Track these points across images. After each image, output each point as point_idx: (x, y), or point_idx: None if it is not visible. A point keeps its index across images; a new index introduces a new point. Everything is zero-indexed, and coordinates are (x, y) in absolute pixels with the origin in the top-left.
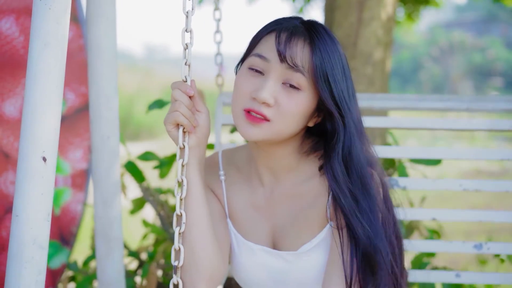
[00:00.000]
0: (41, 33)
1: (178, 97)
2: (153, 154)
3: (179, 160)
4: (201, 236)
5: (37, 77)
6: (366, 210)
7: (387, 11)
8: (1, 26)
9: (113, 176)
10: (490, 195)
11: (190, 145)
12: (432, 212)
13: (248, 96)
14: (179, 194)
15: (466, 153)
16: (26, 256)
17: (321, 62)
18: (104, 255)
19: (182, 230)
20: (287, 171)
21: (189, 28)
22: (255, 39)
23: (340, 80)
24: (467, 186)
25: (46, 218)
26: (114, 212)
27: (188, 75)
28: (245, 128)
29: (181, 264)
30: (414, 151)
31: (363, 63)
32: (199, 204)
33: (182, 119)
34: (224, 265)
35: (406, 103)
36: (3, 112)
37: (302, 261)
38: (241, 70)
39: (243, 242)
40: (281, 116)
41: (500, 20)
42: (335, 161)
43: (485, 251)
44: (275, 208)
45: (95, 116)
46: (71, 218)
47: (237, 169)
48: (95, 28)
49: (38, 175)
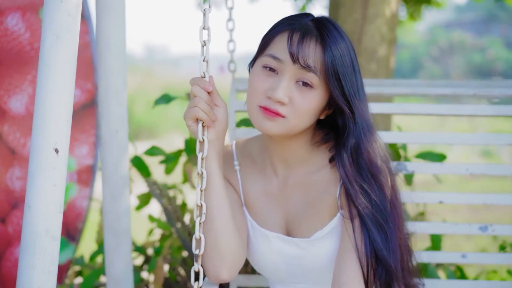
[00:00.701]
0: (52, 26)
1: (197, 93)
2: (159, 149)
3: (199, 154)
4: (223, 225)
5: (49, 69)
6: (376, 201)
7: (391, 8)
8: (7, 23)
9: (121, 170)
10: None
11: (209, 139)
12: (439, 196)
13: (263, 94)
14: (199, 185)
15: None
16: (38, 247)
17: (332, 60)
18: (112, 248)
19: (203, 220)
20: (300, 162)
21: (206, 26)
22: (267, 38)
23: (350, 75)
24: (473, 170)
25: (58, 210)
26: (123, 206)
27: (207, 71)
28: (262, 122)
29: (202, 252)
30: (418, 136)
31: (367, 59)
32: (220, 195)
33: (201, 114)
34: (243, 252)
35: (414, 89)
36: (9, 108)
37: (315, 247)
38: (255, 68)
39: (259, 229)
40: (295, 113)
41: (500, 20)
42: (344, 155)
43: (490, 233)
44: (288, 197)
45: (104, 110)
46: (77, 214)
47: (251, 160)
48: (104, 23)
49: (50, 166)
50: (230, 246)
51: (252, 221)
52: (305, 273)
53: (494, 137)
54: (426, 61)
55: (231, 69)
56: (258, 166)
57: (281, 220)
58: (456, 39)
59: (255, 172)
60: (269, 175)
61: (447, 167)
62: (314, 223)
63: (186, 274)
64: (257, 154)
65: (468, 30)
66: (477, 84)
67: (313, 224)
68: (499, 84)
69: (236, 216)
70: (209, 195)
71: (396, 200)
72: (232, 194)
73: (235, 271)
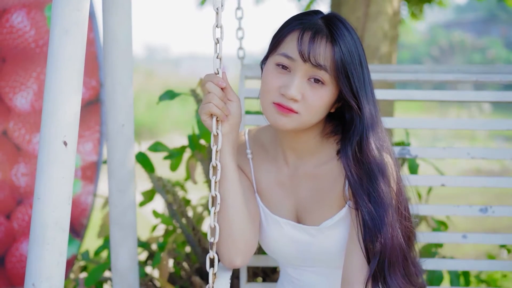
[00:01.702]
0: (61, 20)
1: (211, 89)
2: (162, 145)
3: (213, 147)
4: (237, 215)
5: (58, 63)
6: (375, 196)
7: (393, 6)
8: (12, 20)
9: (128, 164)
10: (491, 193)
11: (223, 133)
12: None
13: (277, 91)
14: (214, 177)
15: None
16: (48, 238)
17: (341, 58)
18: (118, 242)
19: (217, 210)
20: (310, 153)
21: (219, 24)
22: (279, 37)
23: (358, 72)
24: (475, 154)
25: (67, 201)
26: (129, 200)
27: (220, 68)
28: (276, 118)
29: (217, 240)
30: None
31: (370, 57)
32: (234, 186)
33: (215, 109)
34: (255, 238)
35: (418, 75)
36: (14, 105)
37: (324, 235)
38: (268, 66)
39: (270, 215)
40: (308, 109)
41: (500, 21)
42: (349, 149)
43: (490, 214)
44: (298, 186)
45: (110, 105)
46: (82, 210)
47: (263, 148)
48: (111, 17)
49: (59, 159)
50: (244, 234)
51: (264, 208)
52: (315, 258)
53: (497, 122)
54: (426, 61)
55: (240, 55)
56: (270, 155)
57: (292, 208)
58: (456, 39)
59: (267, 161)
60: (280, 164)
61: (449, 151)
62: (323, 213)
63: (190, 269)
64: (269, 143)
65: (468, 30)
66: (479, 69)
67: (322, 213)
68: (500, 70)
69: (249, 203)
70: (224, 186)
71: (400, 195)
72: (245, 181)
73: (248, 257)
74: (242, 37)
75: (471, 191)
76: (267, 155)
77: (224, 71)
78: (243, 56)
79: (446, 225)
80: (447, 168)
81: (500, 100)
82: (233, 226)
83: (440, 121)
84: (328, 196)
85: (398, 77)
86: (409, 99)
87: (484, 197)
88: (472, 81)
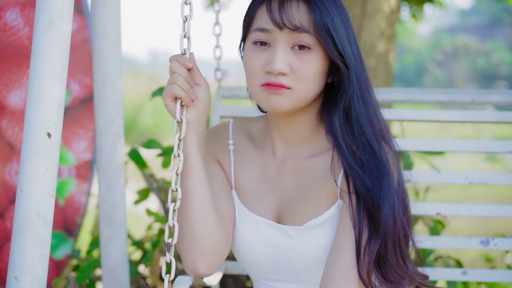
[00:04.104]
0: (46, 10)
1: (175, 69)
2: (156, 142)
3: (176, 134)
4: (201, 213)
5: (42, 54)
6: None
7: (391, 4)
8: (6, 18)
9: (117, 159)
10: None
11: (188, 120)
12: (437, 206)
13: (261, 71)
14: (175, 169)
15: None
16: (30, 230)
17: (320, 16)
18: (108, 239)
19: (177, 207)
20: (302, 141)
21: (188, 1)
22: (249, 14)
23: (341, 30)
24: (472, 179)
25: (50, 193)
26: (118, 195)
27: (188, 48)
28: (268, 100)
29: (175, 242)
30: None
31: (366, 55)
32: (199, 181)
33: (179, 91)
34: (226, 242)
35: (410, 95)
36: (8, 103)
37: (305, 237)
38: (246, 48)
39: (246, 213)
40: (300, 81)
41: (504, 25)
42: (335, 115)
43: (492, 247)
44: (284, 180)
45: (99, 99)
46: (75, 209)
47: (249, 138)
48: (99, 9)
49: (43, 150)
50: (209, 236)
51: (240, 205)
52: (291, 267)
53: (497, 144)
54: (430, 65)
55: (217, 77)
56: (256, 146)
57: (273, 205)
58: (460, 43)
59: (252, 152)
60: (267, 156)
61: (445, 175)
62: (308, 211)
63: (182, 268)
64: (257, 133)
65: (472, 34)
66: (475, 91)
67: (307, 212)
68: (497, 91)
69: (221, 201)
70: (186, 180)
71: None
72: (219, 176)
73: (215, 265)
74: (220, 56)
75: (475, 193)
76: (253, 146)
77: (192, 52)
78: (221, 78)
79: (443, 225)
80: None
81: (499, 120)
82: (196, 227)
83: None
84: (315, 191)
85: (390, 97)
86: (403, 119)
87: (487, 200)
88: (468, 102)
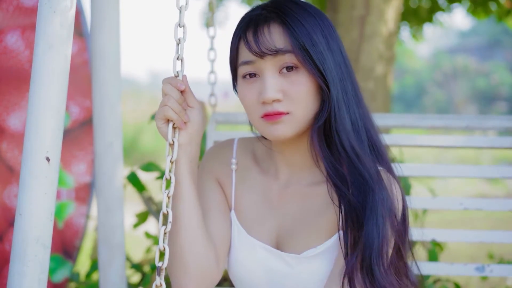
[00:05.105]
0: (45, 35)
1: (168, 91)
2: (155, 165)
3: (168, 157)
4: (190, 238)
5: (41, 78)
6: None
7: (388, 27)
8: (7, 41)
9: (116, 182)
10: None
11: (180, 142)
12: (432, 232)
13: (257, 103)
14: (166, 191)
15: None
16: (29, 254)
17: (294, 35)
18: (106, 261)
19: (168, 230)
20: (305, 166)
21: (182, 23)
22: (232, 51)
23: (321, 44)
24: (468, 205)
25: (49, 218)
26: (117, 219)
27: (181, 70)
28: (270, 130)
29: (165, 265)
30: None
31: (365, 78)
32: (189, 204)
33: (171, 113)
34: (217, 266)
35: (406, 121)
36: (8, 125)
37: (303, 267)
38: (238, 84)
39: (246, 236)
40: (296, 103)
41: (503, 45)
42: (314, 129)
43: (488, 274)
44: (286, 206)
45: (98, 122)
46: (74, 231)
47: (254, 159)
48: (98, 33)
49: (41, 175)
50: (198, 261)
51: (239, 227)
52: None
53: (497, 169)
54: (430, 86)
55: (212, 103)
56: (259, 168)
57: (273, 230)
58: (460, 64)
59: (255, 174)
60: (269, 179)
61: (440, 201)
62: (308, 239)
63: None
64: (262, 155)
65: (472, 55)
66: (470, 117)
67: (307, 240)
68: (492, 117)
69: (216, 223)
70: (177, 204)
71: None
72: (217, 196)
73: None
74: (215, 82)
75: (474, 215)
76: (257, 167)
77: (185, 75)
78: (215, 103)
79: (442, 247)
80: (448, 193)
81: (493, 146)
82: (185, 251)
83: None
84: (316, 221)
85: (386, 123)
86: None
87: (489, 222)
88: (463, 127)
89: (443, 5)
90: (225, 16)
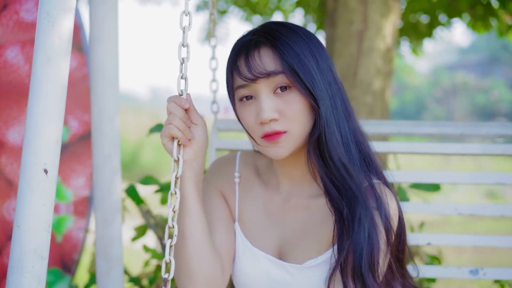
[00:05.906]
0: (44, 48)
1: (172, 110)
2: (153, 179)
3: (173, 173)
4: (196, 251)
5: (40, 91)
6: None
7: (386, 42)
8: (7, 55)
9: (114, 194)
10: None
11: (185, 158)
12: (428, 237)
13: (256, 124)
14: (171, 206)
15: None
16: (26, 265)
17: (283, 57)
18: (104, 275)
19: (174, 243)
20: (305, 180)
21: (185, 43)
22: (228, 78)
23: (309, 64)
24: (462, 211)
25: (46, 229)
26: (115, 231)
27: (184, 89)
28: (271, 150)
29: (171, 277)
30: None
31: (363, 92)
32: (194, 219)
33: (175, 131)
34: (223, 275)
35: (401, 128)
36: (7, 139)
37: (305, 276)
38: (236, 107)
39: (249, 247)
40: (292, 122)
41: (502, 62)
42: (310, 144)
43: (481, 277)
44: (287, 217)
45: (96, 135)
46: (73, 245)
47: (256, 172)
48: (96, 48)
49: (39, 187)
50: (204, 272)
51: (243, 238)
52: None
53: (498, 176)
54: (429, 102)
55: (213, 110)
56: (261, 180)
57: (276, 240)
58: (460, 81)
59: (257, 186)
60: (271, 191)
61: (435, 207)
62: (309, 250)
63: None
64: (263, 167)
65: (472, 72)
66: (464, 124)
67: (308, 251)
68: (486, 124)
69: (220, 235)
70: (183, 219)
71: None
72: (221, 209)
73: None
74: (216, 90)
75: (475, 229)
76: (259, 180)
77: (189, 93)
78: (217, 110)
79: (440, 260)
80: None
81: (486, 153)
82: (191, 264)
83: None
84: (317, 232)
85: (381, 130)
86: (394, 151)
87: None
88: (457, 135)
89: (443, 20)
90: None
